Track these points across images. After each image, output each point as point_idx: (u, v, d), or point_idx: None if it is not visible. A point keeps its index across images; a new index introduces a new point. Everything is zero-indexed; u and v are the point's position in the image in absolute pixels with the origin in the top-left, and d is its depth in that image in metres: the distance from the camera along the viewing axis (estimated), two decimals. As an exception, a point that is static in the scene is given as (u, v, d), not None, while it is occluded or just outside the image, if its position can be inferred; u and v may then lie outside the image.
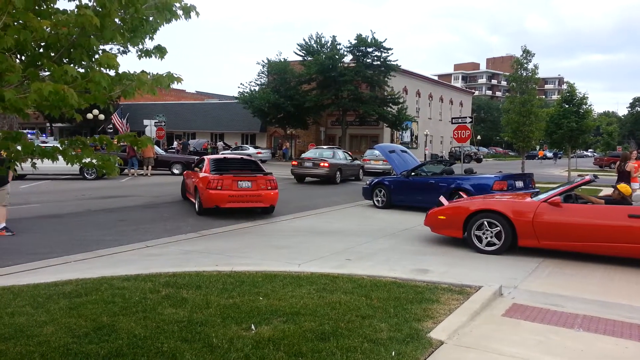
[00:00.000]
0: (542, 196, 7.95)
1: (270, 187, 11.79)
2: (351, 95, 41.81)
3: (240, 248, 8.16)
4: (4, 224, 8.82)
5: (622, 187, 7.81)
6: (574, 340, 4.38)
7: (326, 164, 21.54)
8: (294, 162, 23.18)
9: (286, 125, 46.12)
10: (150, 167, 23.92)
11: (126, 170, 23.19)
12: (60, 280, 5.76)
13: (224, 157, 13.45)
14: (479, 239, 7.98)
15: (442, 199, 9.22)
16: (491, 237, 7.89)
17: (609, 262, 7.43)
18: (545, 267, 7.05)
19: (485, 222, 7.92)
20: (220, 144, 46.74)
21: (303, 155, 24.42)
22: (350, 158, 25.01)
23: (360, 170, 24.56)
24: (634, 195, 7.62)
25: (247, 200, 11.55)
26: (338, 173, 21.93)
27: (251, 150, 36.37)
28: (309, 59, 42.69)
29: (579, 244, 7.43)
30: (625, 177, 12.99)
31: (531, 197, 8.18)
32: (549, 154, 63.16)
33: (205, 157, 13.68)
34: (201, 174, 12.11)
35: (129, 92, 3.13)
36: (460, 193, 10.95)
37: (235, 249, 8.10)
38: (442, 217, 8.52)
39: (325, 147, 31.93)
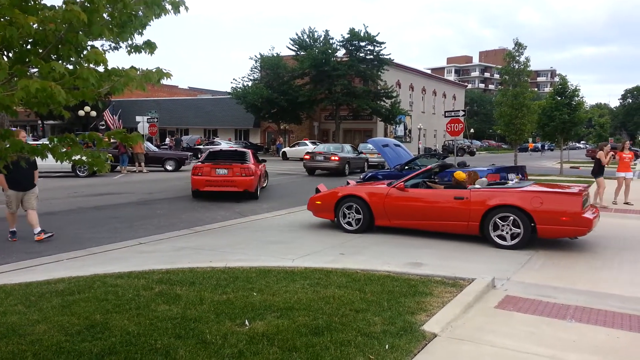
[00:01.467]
0: (394, 183, 9.05)
1: (244, 174, 13.51)
2: (344, 89, 41.76)
3: (234, 244, 8.15)
4: (39, 228, 8.39)
5: (457, 174, 8.73)
6: (566, 331, 4.42)
7: (336, 158, 23.01)
8: (306, 157, 24.74)
9: (279, 120, 46.03)
10: (142, 163, 23.80)
11: (118, 168, 23.07)
12: (52, 279, 5.73)
13: (220, 150, 16.22)
14: (345, 221, 9.10)
15: (321, 186, 10.26)
16: (353, 218, 9.02)
17: (603, 254, 7.50)
18: (538, 259, 7.10)
19: (351, 206, 9.05)
20: (217, 139, 46.83)
21: (315, 150, 26.14)
22: (357, 152, 26.47)
23: (365, 163, 25.85)
24: (479, 181, 8.63)
25: (222, 185, 13.50)
26: (347, 166, 23.38)
27: (223, 145, 36.65)
28: (302, 53, 42.58)
29: (419, 222, 8.58)
30: (598, 165, 13.23)
31: (386, 185, 9.17)
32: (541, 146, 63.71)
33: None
34: None
35: (118, 88, 3.10)
36: (348, 181, 11.27)
37: (229, 244, 8.09)
38: (318, 202, 9.61)
39: (308, 141, 33.64)
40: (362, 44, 42.13)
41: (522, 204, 7.59)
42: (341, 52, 42.96)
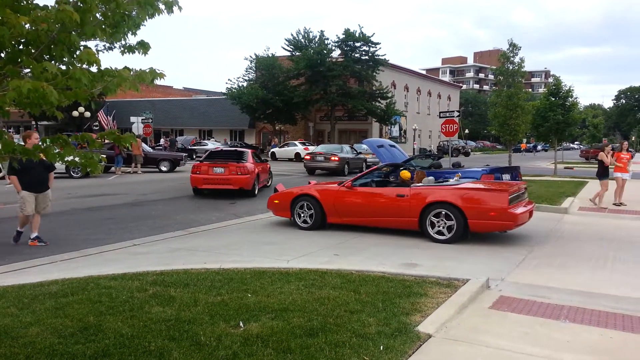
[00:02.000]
0: (343, 182, 9.47)
1: (240, 173, 14.18)
2: (340, 90, 41.78)
3: (229, 245, 8.13)
4: (37, 234, 8.19)
5: (403, 173, 9.12)
6: (560, 331, 4.43)
7: (336, 158, 23.94)
8: (306, 157, 25.77)
9: (275, 121, 45.99)
10: (139, 164, 23.71)
11: (112, 169, 22.97)
12: (46, 280, 5.69)
13: (221, 149, 17.21)
14: (300, 219, 9.46)
15: (280, 186, 10.59)
16: (306, 216, 9.39)
17: (597, 255, 7.53)
18: (532, 259, 7.12)
19: (304, 204, 9.41)
20: (204, 141, 46.98)
21: (314, 150, 27.23)
22: (355, 152, 27.19)
23: (364, 164, 26.30)
24: (425, 179, 9.06)
25: (218, 183, 14.24)
26: (346, 166, 24.19)
27: (210, 145, 36.96)
28: (297, 54, 42.55)
29: (366, 219, 8.96)
30: (602, 166, 13.31)
31: (337, 184, 9.54)
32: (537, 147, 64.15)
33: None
34: None
35: (111, 88, 3.08)
36: (309, 181, 11.41)
37: (224, 246, 8.07)
38: (276, 201, 9.98)
39: (298, 142, 36.03)
40: (357, 44, 42.15)
41: (454, 201, 8.05)
42: (336, 53, 42.98)
